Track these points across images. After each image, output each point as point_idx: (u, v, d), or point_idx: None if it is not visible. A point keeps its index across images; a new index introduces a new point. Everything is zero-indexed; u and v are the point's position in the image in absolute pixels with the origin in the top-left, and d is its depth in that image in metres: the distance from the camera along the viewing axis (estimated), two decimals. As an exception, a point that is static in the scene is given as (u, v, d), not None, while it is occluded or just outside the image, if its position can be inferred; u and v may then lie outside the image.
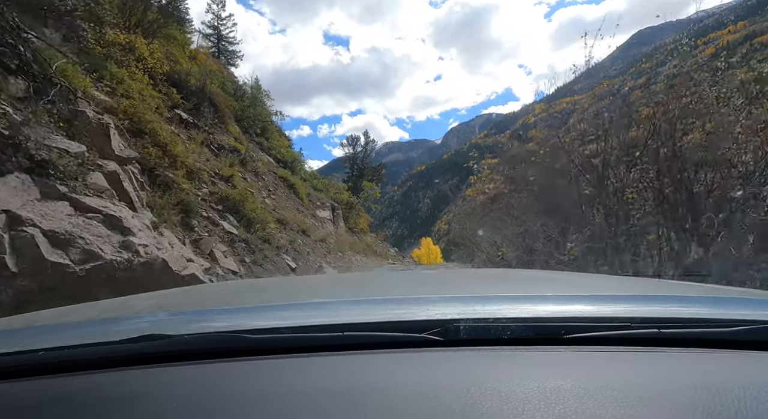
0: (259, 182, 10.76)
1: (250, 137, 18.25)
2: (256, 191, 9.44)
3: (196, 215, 5.74)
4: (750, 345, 0.58)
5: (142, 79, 7.58)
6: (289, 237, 7.90)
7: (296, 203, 12.99)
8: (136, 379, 0.54)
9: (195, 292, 1.57)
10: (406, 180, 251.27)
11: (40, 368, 0.56)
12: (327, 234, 12.26)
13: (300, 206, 13.09)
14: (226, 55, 29.42)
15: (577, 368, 0.54)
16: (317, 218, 13.66)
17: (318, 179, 22.53)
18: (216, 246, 5.38)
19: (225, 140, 10.63)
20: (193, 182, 6.34)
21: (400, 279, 1.88)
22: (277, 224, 7.93)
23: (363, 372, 0.54)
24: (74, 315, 0.95)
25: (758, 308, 0.73)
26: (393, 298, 0.88)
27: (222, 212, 6.32)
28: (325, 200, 16.15)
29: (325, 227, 13.62)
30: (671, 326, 0.61)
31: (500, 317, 0.61)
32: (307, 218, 12.28)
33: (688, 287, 1.25)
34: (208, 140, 9.31)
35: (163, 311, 0.91)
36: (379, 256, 20.81)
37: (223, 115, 12.90)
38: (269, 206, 9.18)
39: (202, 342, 0.59)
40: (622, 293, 0.98)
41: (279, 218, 8.52)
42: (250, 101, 18.80)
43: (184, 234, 5.28)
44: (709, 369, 0.53)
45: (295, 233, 8.62)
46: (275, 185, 12.27)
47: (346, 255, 11.53)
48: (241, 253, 5.79)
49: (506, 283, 1.43)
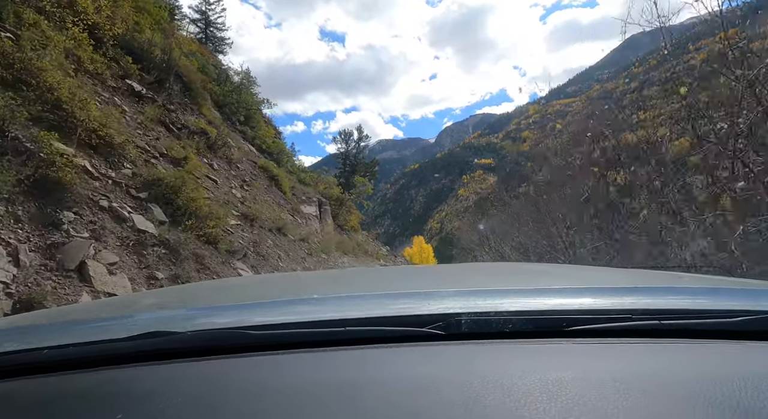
0: (231, 170, 9.26)
1: (233, 125, 16.96)
2: (223, 180, 7.93)
3: (74, 203, 3.72)
4: (750, 335, 0.57)
5: (76, 34, 6.07)
6: (253, 237, 6.29)
7: (277, 196, 11.50)
8: (140, 376, 0.54)
9: (198, 288, 1.59)
10: (399, 178, 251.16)
11: (45, 366, 0.56)
12: (310, 233, 10.80)
13: (282, 200, 11.61)
14: (214, 41, 28.16)
15: (578, 360, 0.54)
16: (301, 214, 12.17)
17: (306, 173, 21.21)
18: (97, 255, 3.38)
19: (193, 122, 9.11)
20: (105, 157, 4.72)
21: (401, 274, 1.82)
22: (239, 221, 6.35)
23: (365, 367, 0.55)
24: (77, 313, 0.97)
25: (757, 299, 0.73)
26: (394, 293, 0.88)
27: (144, 201, 4.53)
28: (311, 195, 14.63)
29: (309, 225, 12.15)
30: (671, 317, 0.60)
31: (501, 310, 0.62)
32: (287, 214, 10.80)
33: (686, 278, 1.24)
34: (166, 117, 7.77)
35: (166, 308, 0.93)
36: (369, 256, 19.58)
37: (196, 95, 11.48)
38: (237, 197, 7.65)
39: (206, 339, 0.60)
40: (622, 285, 0.98)
41: (246, 212, 6.95)
42: (233, 87, 17.57)
43: (32, 234, 3.28)
44: (710, 360, 0.54)
45: (265, 232, 7.04)
46: (253, 176, 10.79)
47: (331, 257, 10.09)
48: (153, 264, 3.85)
49: (506, 276, 1.41)
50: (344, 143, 25.68)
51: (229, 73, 19.64)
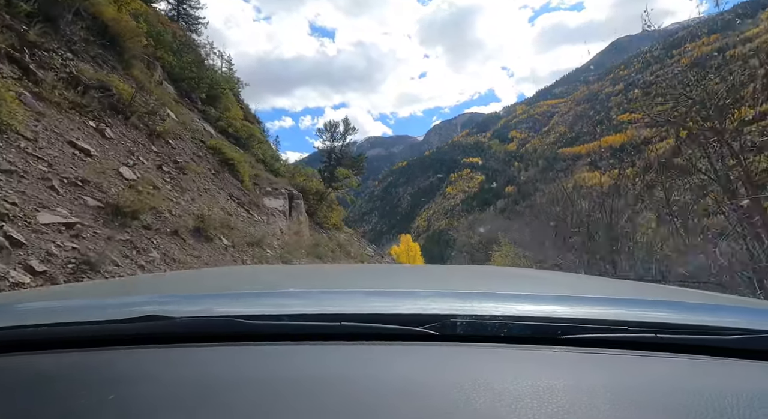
0: (152, 146, 6.63)
1: (193, 103, 14.27)
2: (114, 153, 5.28)
3: None
4: (745, 354, 0.57)
5: None
6: (99, 247, 3.57)
7: (229, 185, 8.89)
8: (134, 358, 0.54)
9: (196, 275, 1.58)
10: (387, 176, 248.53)
11: (40, 343, 0.55)
12: (269, 233, 8.23)
13: (236, 191, 9.02)
14: (187, 19, 25.31)
15: (571, 369, 0.53)
16: (261, 209, 9.58)
17: (280, 162, 18.57)
18: None
19: (92, 75, 6.42)
20: None
21: (398, 272, 1.83)
22: (95, 215, 3.58)
23: (358, 363, 0.54)
24: (76, 293, 0.96)
25: (754, 317, 0.72)
26: (390, 290, 0.87)
27: None
28: (280, 186, 12.00)
29: (272, 222, 9.57)
30: (668, 331, 0.59)
31: (497, 314, 0.61)
32: (240, 208, 8.22)
33: (684, 292, 1.22)
34: (23, 54, 5.09)
35: (162, 293, 0.91)
36: (352, 258, 16.97)
37: (125, 54, 8.82)
38: (125, 179, 5.03)
39: (200, 326, 0.59)
40: (619, 296, 0.98)
41: (118, 203, 4.19)
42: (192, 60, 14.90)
43: None
44: (704, 376, 0.53)
45: (156, 236, 4.39)
46: (195, 158, 8.17)
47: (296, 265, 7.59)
48: None
49: (503, 280, 1.40)
50: (329, 136, 22.89)
51: (192, 47, 16.94)
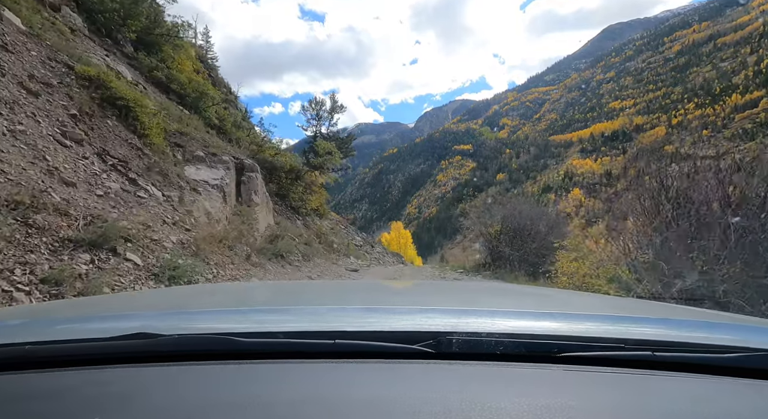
0: None
1: (116, 45, 10.44)
2: None
3: None
4: (742, 372, 0.57)
5: None
6: None
7: (112, 138, 5.36)
8: (122, 377, 0.53)
9: (187, 292, 1.56)
10: (377, 162, 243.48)
11: (26, 362, 0.55)
12: (164, 220, 4.76)
13: (123, 149, 5.50)
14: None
15: (568, 387, 0.53)
16: (174, 182, 6.10)
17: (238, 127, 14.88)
18: None
19: None
20: None
21: (392, 288, 1.82)
22: None
23: (353, 382, 0.53)
24: (64, 310, 0.95)
25: (751, 336, 0.71)
26: (385, 307, 0.86)
27: None
28: (220, 153, 8.41)
29: (189, 202, 6.09)
30: (664, 349, 0.59)
31: (493, 332, 0.60)
32: (96, 172, 4.68)
33: (681, 310, 1.22)
34: None
35: (153, 309, 0.90)
36: (335, 252, 13.48)
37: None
38: None
39: (191, 344, 0.58)
40: (616, 313, 0.96)
41: None
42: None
43: None
44: (701, 395, 0.53)
45: None
46: (41, 86, 4.60)
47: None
48: None
49: (499, 298, 1.40)
50: (315, 114, 19.12)
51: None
